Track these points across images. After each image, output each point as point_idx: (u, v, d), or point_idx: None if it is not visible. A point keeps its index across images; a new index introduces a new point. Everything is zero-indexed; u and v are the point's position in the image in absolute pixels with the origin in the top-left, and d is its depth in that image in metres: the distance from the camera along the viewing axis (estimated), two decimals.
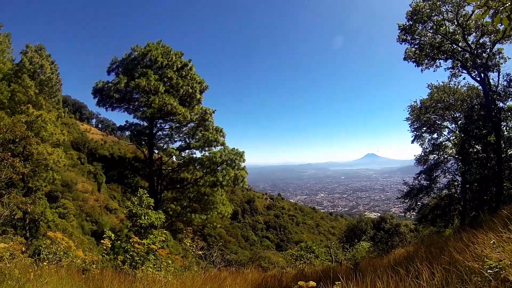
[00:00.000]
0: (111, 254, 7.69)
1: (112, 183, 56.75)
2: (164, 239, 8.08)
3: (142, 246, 7.03)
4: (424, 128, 19.33)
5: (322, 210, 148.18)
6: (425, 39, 16.84)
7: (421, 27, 16.57)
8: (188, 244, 9.11)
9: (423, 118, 18.82)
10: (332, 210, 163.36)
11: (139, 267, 6.75)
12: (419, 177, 18.30)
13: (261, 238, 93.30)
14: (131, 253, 7.06)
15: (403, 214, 22.01)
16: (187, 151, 23.41)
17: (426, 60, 17.35)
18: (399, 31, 17.03)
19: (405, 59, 17.77)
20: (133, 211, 8.45)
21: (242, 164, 21.71)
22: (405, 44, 17.26)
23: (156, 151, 23.70)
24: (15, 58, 30.23)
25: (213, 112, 23.16)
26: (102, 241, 7.36)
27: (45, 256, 6.93)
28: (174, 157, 23.73)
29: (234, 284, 6.57)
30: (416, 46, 17.21)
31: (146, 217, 8.32)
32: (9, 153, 9.80)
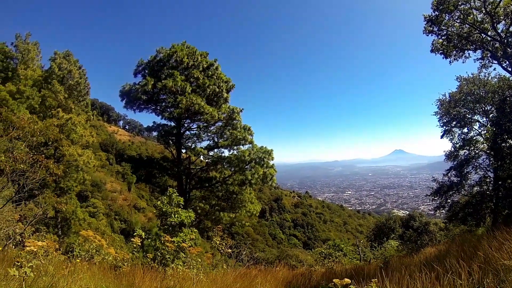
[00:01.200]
0: (140, 251, 7.82)
1: (140, 183, 58.05)
2: (194, 237, 8.14)
3: (172, 244, 7.12)
4: (454, 123, 18.59)
5: (349, 208, 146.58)
6: (453, 29, 16.20)
7: (447, 17, 15.95)
8: (217, 242, 9.16)
9: (452, 112, 18.10)
10: (360, 208, 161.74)
11: (169, 265, 6.84)
12: (449, 174, 17.60)
13: (289, 236, 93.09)
14: (161, 251, 7.16)
15: (432, 212, 21.35)
16: (215, 150, 23.56)
17: (454, 52, 16.68)
18: (425, 22, 16.44)
19: (432, 51, 17.16)
20: (163, 210, 8.53)
21: (271, 162, 21.60)
22: (431, 35, 16.66)
23: (184, 151, 23.93)
24: (44, 65, 31.43)
25: (241, 111, 23.20)
26: (132, 239, 7.50)
27: (78, 253, 7.14)
28: (201, 156, 23.89)
29: (264, 282, 6.54)
30: (443, 37, 16.57)
31: (176, 216, 8.39)
32: (43, 156, 10.13)
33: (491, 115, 17.52)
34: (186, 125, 23.96)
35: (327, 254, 16.81)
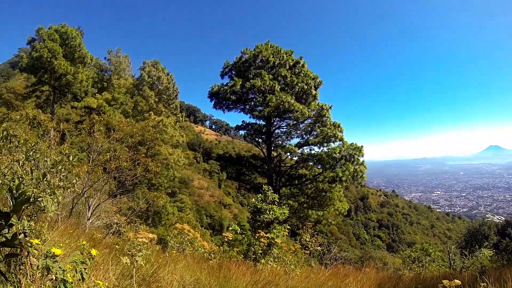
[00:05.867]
0: (225, 245, 8.09)
1: (227, 180, 60.41)
2: (287, 233, 8.24)
3: (266, 240, 7.29)
4: None
5: (438, 210, 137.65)
6: None
7: None
8: (307, 240, 9.15)
9: None
10: (449, 210, 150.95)
11: (260, 260, 6.99)
12: None
13: (372, 237, 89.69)
14: (254, 246, 7.35)
15: None
16: (305, 147, 23.47)
17: None
18: None
19: None
20: (258, 207, 8.79)
21: (361, 159, 20.94)
22: None
23: (272, 148, 24.31)
24: (134, 74, 34.58)
25: (330, 107, 22.84)
26: (224, 233, 7.80)
27: (172, 244, 7.64)
28: (290, 154, 23.95)
29: (356, 282, 6.34)
30: None
31: (271, 212, 8.58)
32: (143, 155, 11.07)
33: None
34: (275, 123, 24.25)
35: (415, 258, 15.77)
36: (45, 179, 3.86)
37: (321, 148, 22.46)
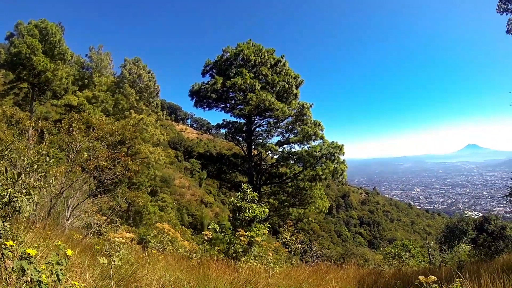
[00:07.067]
0: (206, 244, 8.08)
1: (208, 179, 60.23)
2: (267, 232, 8.28)
3: (246, 238, 7.32)
4: None
5: (418, 207, 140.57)
6: None
7: None
8: (288, 238, 9.22)
9: None
10: (429, 207, 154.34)
11: (241, 258, 7.03)
12: None
13: (354, 234, 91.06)
14: (235, 244, 7.37)
15: (509, 215, 19.36)
16: (285, 146, 23.66)
17: None
18: (499, 0, 14.86)
19: (508, 32, 15.39)
20: (238, 205, 8.80)
21: (342, 157, 21.29)
22: (506, 14, 14.98)
23: (253, 147, 24.36)
24: (116, 72, 34.02)
25: (311, 106, 23.08)
26: (204, 232, 7.80)
27: (153, 244, 7.61)
28: (271, 152, 24.13)
29: (336, 278, 6.45)
30: None
31: (250, 211, 8.61)
32: (122, 153, 10.94)
33: None
34: (256, 121, 24.36)
35: (395, 254, 16.14)
36: (20, 178, 3.79)
37: (302, 146, 22.77)
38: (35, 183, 3.91)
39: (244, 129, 23.92)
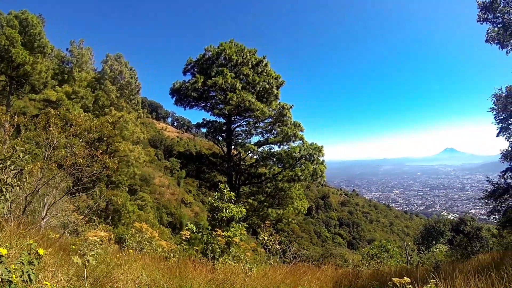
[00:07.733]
0: (185, 244, 8.04)
1: (188, 178, 59.87)
2: (245, 232, 8.27)
3: (223, 238, 7.30)
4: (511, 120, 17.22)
5: (396, 208, 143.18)
6: (509, 16, 15.02)
7: (503, 3, 14.81)
8: (266, 238, 9.24)
9: (509, 108, 16.72)
10: (407, 209, 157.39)
11: (218, 258, 7.01)
12: (506, 175, 16.30)
13: (334, 235, 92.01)
14: (212, 244, 7.34)
15: (485, 217, 19.99)
16: (265, 146, 23.75)
17: (511, 41, 15.45)
18: (479, 10, 15.35)
19: (487, 41, 15.92)
20: (215, 205, 8.76)
21: (321, 159, 21.53)
22: (486, 24, 15.52)
23: (233, 147, 24.34)
24: (97, 68, 33.39)
25: (291, 107, 23.21)
26: (182, 232, 7.74)
27: (130, 243, 7.51)
28: (251, 152, 24.12)
29: (314, 279, 6.51)
30: (499, 26, 15.33)
31: (227, 211, 8.58)
32: (100, 151, 10.73)
33: None
34: (236, 121, 24.39)
35: (374, 254, 16.39)
36: None
37: (281, 147, 22.92)
38: (7, 180, 3.80)
39: (224, 128, 23.91)
